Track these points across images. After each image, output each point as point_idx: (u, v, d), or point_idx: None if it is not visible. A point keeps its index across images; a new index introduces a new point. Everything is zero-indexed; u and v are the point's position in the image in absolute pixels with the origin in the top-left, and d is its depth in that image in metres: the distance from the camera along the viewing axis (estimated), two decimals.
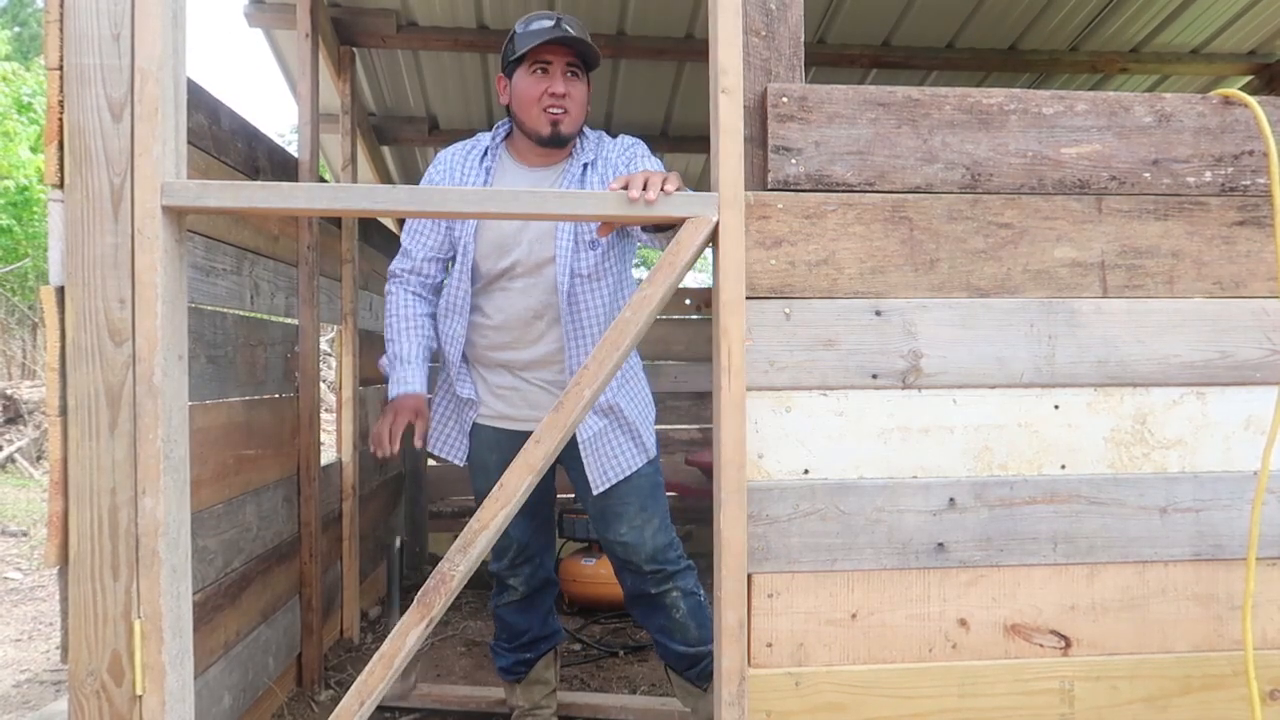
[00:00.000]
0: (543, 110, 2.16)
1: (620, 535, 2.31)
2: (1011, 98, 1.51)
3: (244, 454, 2.39)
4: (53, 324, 1.37)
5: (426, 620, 1.44)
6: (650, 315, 1.47)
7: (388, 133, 4.42)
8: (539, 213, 1.51)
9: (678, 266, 1.46)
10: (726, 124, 1.45)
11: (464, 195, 1.49)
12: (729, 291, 1.43)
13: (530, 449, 1.47)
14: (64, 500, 1.37)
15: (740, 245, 1.44)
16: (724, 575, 1.43)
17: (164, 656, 1.37)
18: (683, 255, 1.46)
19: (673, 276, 1.46)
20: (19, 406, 8.54)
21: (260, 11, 3.28)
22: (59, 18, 1.38)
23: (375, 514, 4.06)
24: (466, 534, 1.46)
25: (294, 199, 1.49)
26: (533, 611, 2.49)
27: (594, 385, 1.46)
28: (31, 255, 10.02)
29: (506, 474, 1.47)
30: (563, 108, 2.15)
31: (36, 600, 4.44)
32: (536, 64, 2.16)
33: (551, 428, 1.46)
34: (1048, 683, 1.49)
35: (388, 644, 1.44)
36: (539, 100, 2.15)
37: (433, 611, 1.44)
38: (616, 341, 1.46)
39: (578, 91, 2.19)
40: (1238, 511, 1.52)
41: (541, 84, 2.15)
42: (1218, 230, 1.53)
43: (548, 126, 2.17)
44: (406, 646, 1.44)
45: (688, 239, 1.46)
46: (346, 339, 3.46)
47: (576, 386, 1.46)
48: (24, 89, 9.30)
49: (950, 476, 1.49)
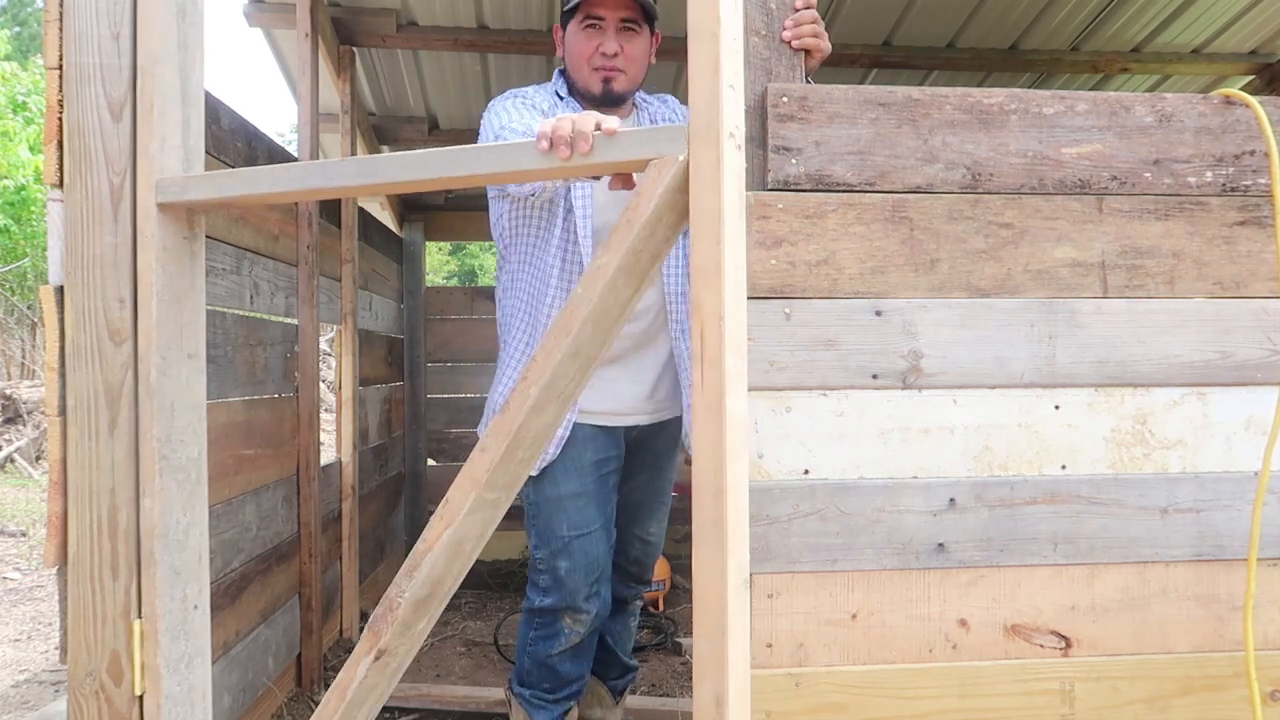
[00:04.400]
0: (593, 69, 2.00)
1: (649, 533, 2.25)
2: (1012, 98, 1.51)
3: (243, 454, 2.39)
4: (52, 324, 1.37)
5: (376, 650, 1.33)
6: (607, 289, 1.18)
7: (388, 132, 4.42)
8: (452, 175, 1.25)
9: (636, 225, 1.14)
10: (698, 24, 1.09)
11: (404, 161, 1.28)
12: (702, 255, 1.10)
13: (476, 459, 1.28)
14: (63, 500, 1.37)
15: (716, 190, 1.09)
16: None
17: (160, 658, 1.36)
18: (643, 210, 1.13)
19: (630, 238, 1.15)
20: (18, 406, 8.53)
21: (260, 11, 3.28)
22: (58, 17, 1.37)
23: (375, 514, 4.06)
24: (413, 557, 1.32)
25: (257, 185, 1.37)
26: (585, 656, 2.13)
27: (540, 382, 1.22)
28: (30, 255, 10.01)
29: (451, 490, 1.30)
30: (615, 66, 1.99)
31: (35, 600, 4.44)
32: (589, 19, 1.98)
33: (498, 434, 1.25)
34: (1048, 683, 1.49)
35: (342, 674, 1.35)
36: (589, 59, 1.99)
37: (382, 640, 1.32)
38: (567, 325, 1.19)
39: (634, 48, 2.01)
40: (1239, 512, 1.52)
41: (593, 41, 1.98)
42: (1218, 230, 1.53)
43: (599, 85, 2.00)
44: (358, 677, 1.33)
45: (649, 187, 1.14)
46: (346, 339, 3.46)
47: (523, 383, 1.23)
48: (19, 88, 9.28)
49: (950, 477, 1.49)
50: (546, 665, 2.09)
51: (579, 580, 2.02)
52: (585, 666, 2.15)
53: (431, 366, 4.91)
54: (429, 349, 4.90)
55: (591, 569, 2.03)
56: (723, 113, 1.10)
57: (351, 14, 3.34)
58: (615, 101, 2.02)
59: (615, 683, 2.38)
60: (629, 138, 1.20)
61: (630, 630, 2.38)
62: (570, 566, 2.02)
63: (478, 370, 4.88)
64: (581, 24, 2.00)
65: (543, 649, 2.08)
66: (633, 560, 2.27)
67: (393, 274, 4.56)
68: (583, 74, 2.03)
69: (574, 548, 2.02)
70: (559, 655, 2.07)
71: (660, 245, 1.20)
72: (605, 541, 2.08)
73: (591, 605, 2.05)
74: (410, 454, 4.84)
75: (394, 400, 4.51)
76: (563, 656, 2.08)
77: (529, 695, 2.14)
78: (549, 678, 2.10)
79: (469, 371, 4.93)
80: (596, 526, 2.06)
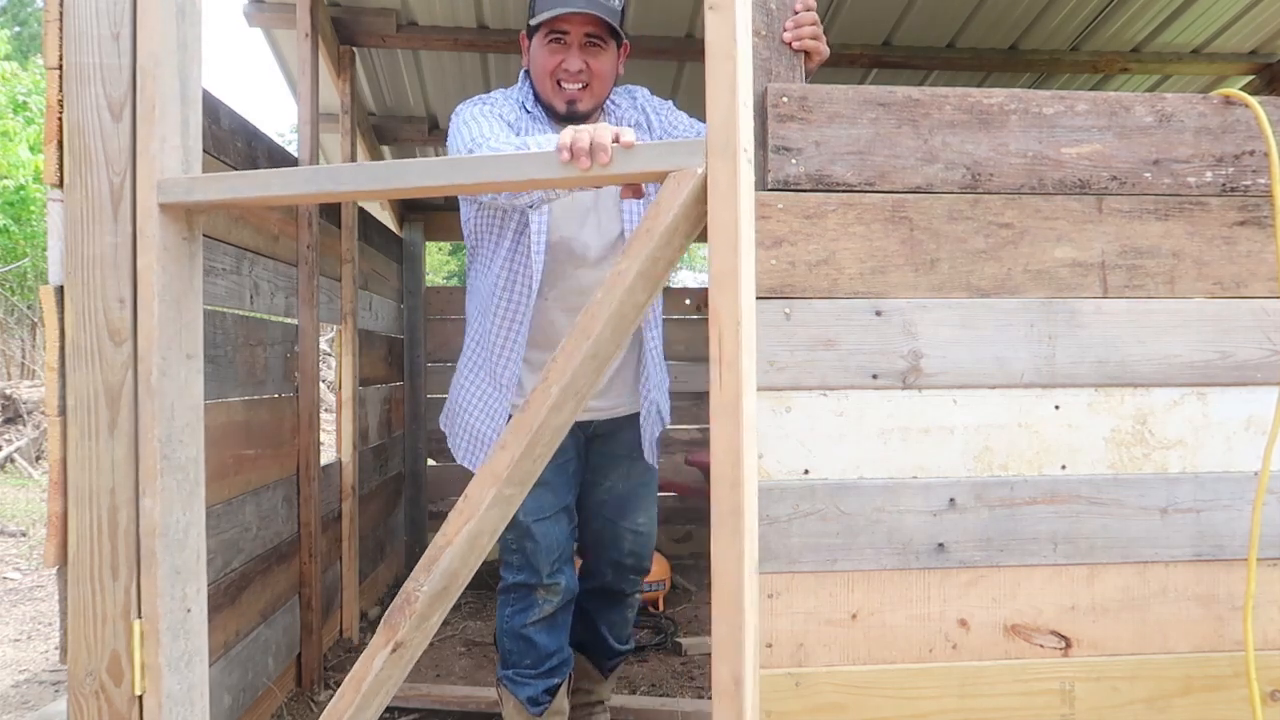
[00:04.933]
0: (556, 84, 1.98)
1: (638, 524, 2.29)
2: (1012, 98, 1.51)
3: (243, 454, 2.39)
4: (52, 324, 1.37)
5: (393, 643, 1.35)
6: (626, 294, 1.24)
7: (388, 132, 4.42)
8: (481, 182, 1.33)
9: (656, 233, 1.21)
10: (716, 45, 1.18)
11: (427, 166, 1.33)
12: (721, 263, 1.17)
13: (496, 455, 1.32)
14: (63, 500, 1.37)
15: (733, 204, 1.17)
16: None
17: (162, 657, 1.36)
18: (662, 219, 1.20)
19: (650, 246, 1.21)
20: (18, 406, 8.53)
21: (260, 11, 3.28)
22: (58, 17, 1.37)
23: (375, 514, 4.06)
24: (432, 550, 1.35)
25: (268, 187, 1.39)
26: (559, 630, 2.22)
27: (561, 382, 1.28)
28: (30, 255, 10.01)
29: (471, 485, 1.34)
30: (580, 82, 1.97)
31: (35, 600, 4.44)
32: (552, 33, 1.96)
33: (519, 430, 1.30)
34: (1048, 683, 1.49)
35: (357, 666, 1.36)
36: (553, 74, 1.98)
37: (399, 634, 1.34)
38: (588, 329, 1.26)
39: (599, 64, 1.99)
40: (1238, 512, 1.52)
41: (556, 56, 1.96)
42: (1218, 230, 1.53)
43: (562, 104, 1.99)
44: (374, 670, 1.35)
45: (668, 198, 1.20)
46: (346, 339, 3.46)
47: (544, 384, 1.29)
48: (19, 88, 9.28)
49: (950, 477, 1.49)
50: (523, 638, 2.18)
51: (542, 559, 2.13)
52: (560, 641, 2.22)
53: (431, 366, 4.91)
54: (429, 349, 4.90)
55: (551, 549, 2.14)
56: (739, 130, 1.17)
57: (351, 14, 3.34)
58: (579, 120, 1.99)
59: (605, 661, 2.44)
60: (648, 150, 1.26)
61: (626, 620, 2.41)
62: (534, 547, 2.13)
63: None
64: (545, 38, 1.97)
65: (518, 621, 2.18)
66: (628, 553, 2.30)
67: (393, 274, 4.56)
68: (546, 88, 2.01)
69: (534, 530, 2.13)
70: (534, 626, 2.17)
71: (675, 253, 1.24)
72: (566, 521, 2.19)
73: (557, 579, 2.16)
74: (410, 454, 4.83)
75: (394, 400, 4.51)
76: (538, 628, 2.17)
77: (511, 675, 2.22)
78: (528, 653, 2.18)
79: None
80: (554, 511, 2.16)
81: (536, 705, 2.20)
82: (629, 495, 2.29)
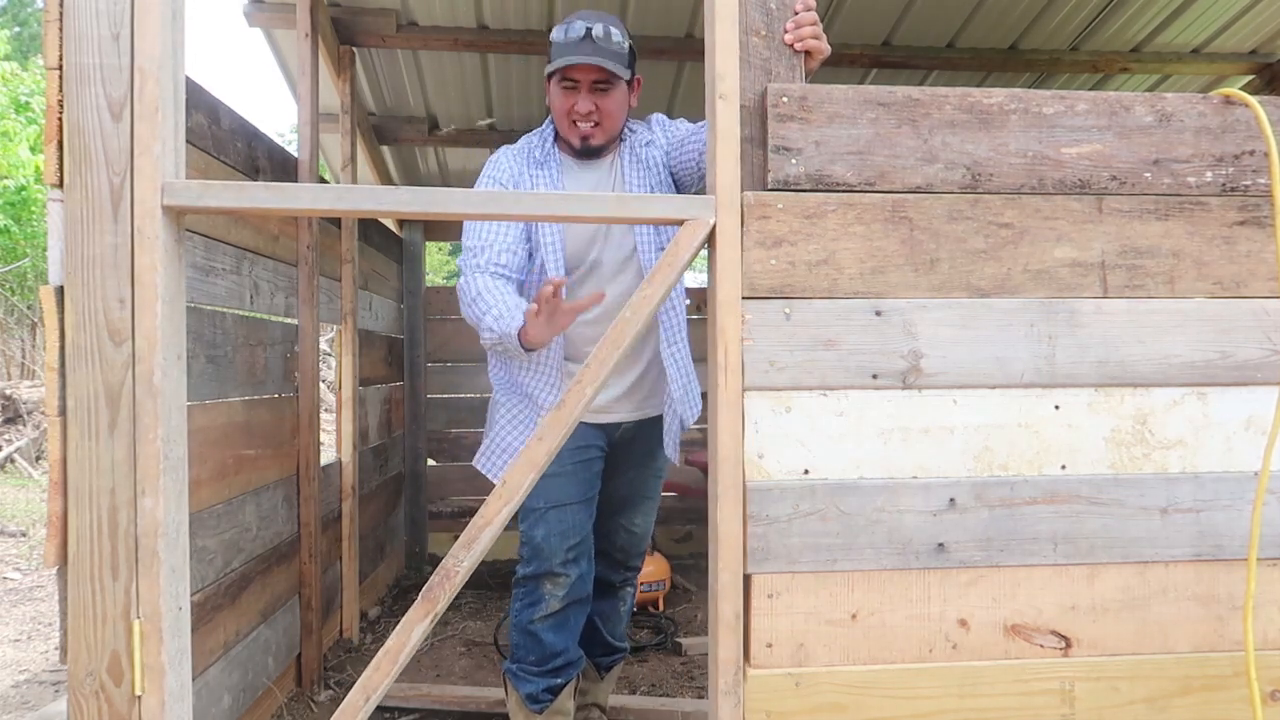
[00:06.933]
0: (571, 123, 2.17)
1: (634, 523, 2.41)
2: (1012, 97, 1.51)
3: (243, 454, 2.39)
4: (52, 324, 1.37)
5: (431, 615, 1.45)
6: (650, 314, 1.51)
7: (388, 132, 4.42)
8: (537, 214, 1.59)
9: (676, 267, 1.50)
10: (723, 129, 1.47)
11: (467, 197, 1.49)
12: (725, 291, 1.46)
13: (533, 446, 1.48)
14: (63, 500, 1.37)
15: (736, 247, 1.46)
16: (720, 568, 1.44)
17: (163, 656, 1.37)
18: (681, 256, 1.51)
19: (671, 276, 1.51)
20: (18, 406, 8.54)
21: (260, 11, 3.28)
22: (58, 17, 1.37)
23: (375, 514, 4.06)
24: (471, 530, 1.46)
25: (298, 199, 1.51)
26: (568, 630, 2.24)
27: (595, 383, 1.48)
28: (30, 255, 10.01)
29: (509, 471, 1.49)
30: (592, 121, 2.16)
31: (35, 600, 4.44)
32: (564, 79, 2.16)
33: (555, 425, 1.48)
34: (1048, 683, 1.49)
35: (393, 639, 1.44)
36: (567, 114, 2.17)
37: (437, 606, 1.45)
38: (617, 340, 1.49)
39: (609, 103, 2.18)
40: (1238, 512, 1.52)
41: (569, 99, 2.16)
42: (1218, 230, 1.53)
43: (577, 140, 2.19)
44: (411, 641, 1.44)
45: (686, 240, 1.50)
46: (346, 339, 3.46)
47: (578, 385, 1.48)
48: (21, 89, 9.27)
49: (950, 477, 1.49)
50: (530, 633, 2.22)
51: (554, 545, 2.17)
52: (568, 641, 2.25)
53: (431, 366, 4.91)
54: (429, 349, 4.90)
55: (567, 535, 2.18)
56: (741, 185, 1.47)
57: (351, 14, 3.34)
58: (593, 154, 2.22)
59: (602, 659, 2.49)
60: (668, 202, 1.54)
61: (620, 614, 2.48)
62: (545, 533, 2.17)
63: (477, 370, 4.88)
64: (559, 83, 2.17)
65: (525, 616, 2.22)
66: (618, 548, 2.42)
67: (393, 274, 4.56)
68: (563, 127, 2.21)
69: (549, 516, 2.19)
70: (540, 621, 2.20)
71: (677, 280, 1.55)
72: (585, 514, 2.22)
73: (568, 570, 2.18)
74: (410, 454, 4.84)
75: (394, 400, 4.51)
76: (545, 624, 2.20)
77: (516, 669, 2.27)
78: (534, 648, 2.22)
79: (469, 371, 4.93)
80: (574, 500, 2.21)
81: (536, 703, 2.23)
82: (631, 496, 2.39)
